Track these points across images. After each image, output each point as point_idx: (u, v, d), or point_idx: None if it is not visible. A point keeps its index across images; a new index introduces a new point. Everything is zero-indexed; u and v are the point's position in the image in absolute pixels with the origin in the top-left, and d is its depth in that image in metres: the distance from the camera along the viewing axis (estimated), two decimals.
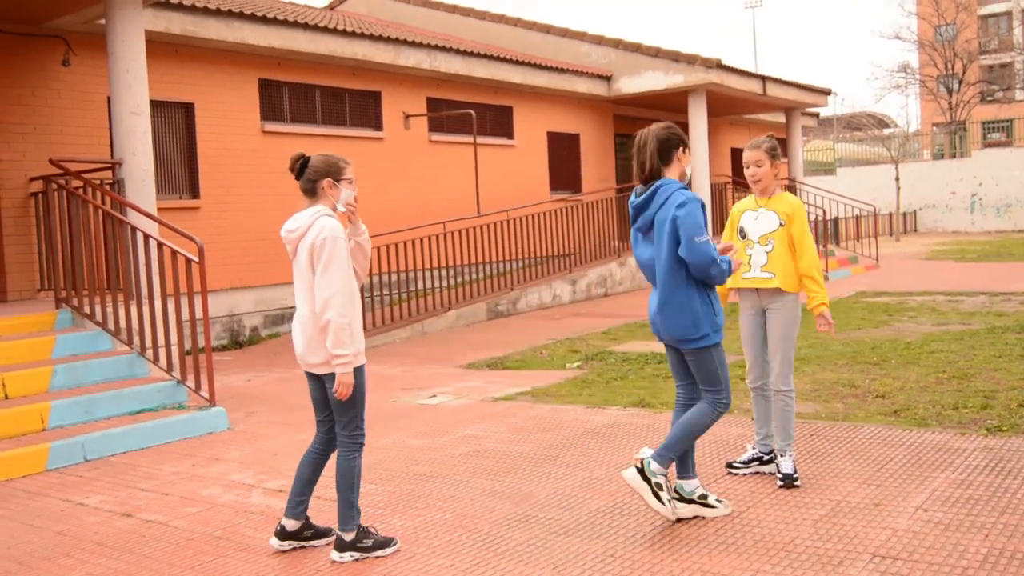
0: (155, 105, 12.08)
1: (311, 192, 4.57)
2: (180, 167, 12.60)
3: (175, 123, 12.57)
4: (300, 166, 4.58)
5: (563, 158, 19.76)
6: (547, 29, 21.03)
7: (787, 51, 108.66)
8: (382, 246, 12.89)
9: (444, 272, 14.22)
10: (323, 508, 5.21)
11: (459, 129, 16.91)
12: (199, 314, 7.82)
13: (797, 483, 5.16)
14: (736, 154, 27.32)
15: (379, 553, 4.54)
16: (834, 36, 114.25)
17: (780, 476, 5.23)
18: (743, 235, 5.44)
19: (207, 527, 5.17)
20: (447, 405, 8.15)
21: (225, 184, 12.98)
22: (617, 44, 20.21)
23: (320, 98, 14.62)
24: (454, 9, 22.09)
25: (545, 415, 7.47)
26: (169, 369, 8.03)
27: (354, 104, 15.22)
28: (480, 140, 16.91)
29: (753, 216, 5.42)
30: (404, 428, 7.31)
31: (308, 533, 4.78)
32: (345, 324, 4.37)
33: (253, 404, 8.69)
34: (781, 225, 5.29)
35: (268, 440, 7.22)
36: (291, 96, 14.17)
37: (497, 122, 18.20)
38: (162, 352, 8.10)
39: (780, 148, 5.52)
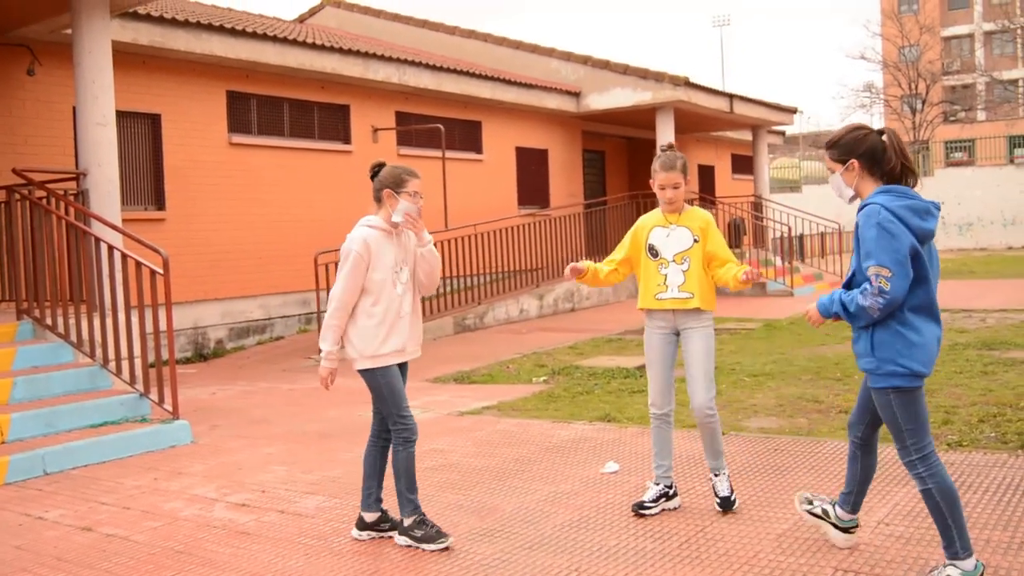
0: (121, 116, 11.98)
1: (377, 200, 4.87)
2: (146, 178, 12.52)
3: (141, 134, 12.49)
4: (373, 174, 4.89)
5: (531, 173, 19.83)
6: (517, 45, 21.13)
7: (755, 69, 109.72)
8: None
9: None
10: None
11: (428, 143, 16.93)
12: (163, 326, 7.75)
13: (734, 506, 5.02)
14: (704, 171, 27.53)
15: (425, 547, 4.66)
16: (801, 55, 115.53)
17: (718, 500, 5.05)
18: (654, 253, 5.07)
19: (169, 542, 5.12)
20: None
21: (191, 196, 12.91)
22: (586, 61, 20.33)
23: (288, 111, 14.59)
24: (424, 24, 22.14)
25: (511, 429, 7.47)
26: (132, 382, 7.95)
27: (323, 117, 15.19)
28: (449, 154, 16.94)
29: (664, 233, 5.07)
30: None
31: (385, 526, 4.94)
32: (332, 324, 4.75)
33: (217, 417, 8.62)
34: (695, 241, 5.00)
35: (231, 454, 7.16)
36: (259, 109, 14.13)
37: (466, 137, 18.24)
38: (125, 365, 8.02)
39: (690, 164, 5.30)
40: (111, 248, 8.12)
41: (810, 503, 4.49)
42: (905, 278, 3.75)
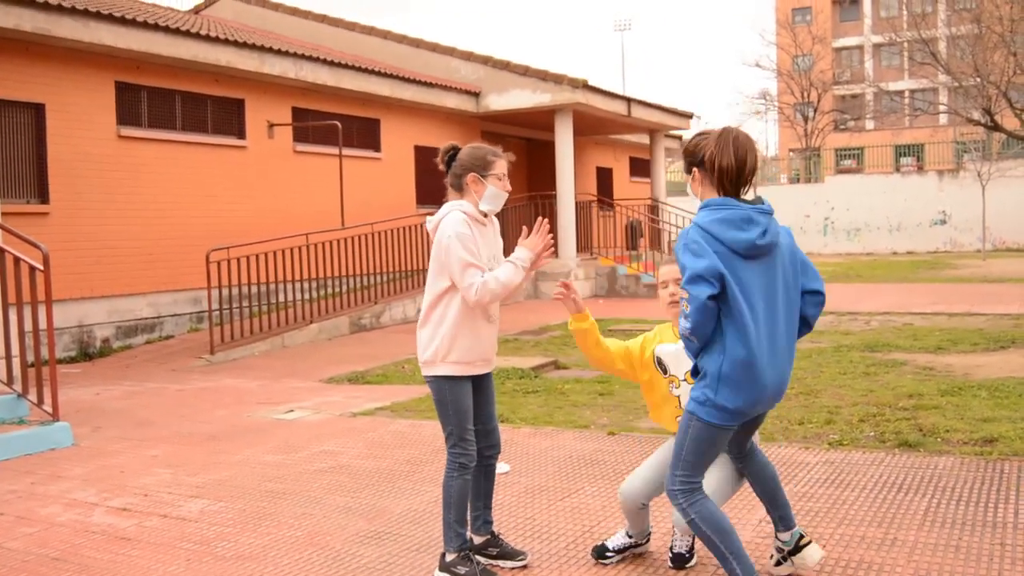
0: (1, 104, 11.58)
1: (457, 187, 4.35)
2: (28, 170, 12.06)
3: (24, 124, 12.02)
4: (448, 158, 4.36)
5: (430, 172, 19.66)
6: (417, 43, 21.02)
7: (654, 74, 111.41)
8: (243, 257, 12.62)
9: (306, 285, 14.01)
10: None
11: (325, 140, 16.72)
12: (44, 325, 7.47)
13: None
14: (602, 173, 27.82)
15: None
16: (700, 61, 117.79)
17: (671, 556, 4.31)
18: (663, 369, 4.31)
19: (44, 548, 4.94)
20: (304, 420, 8.01)
21: (77, 189, 12.49)
22: (486, 61, 20.35)
23: (181, 104, 14.24)
24: (323, 19, 21.87)
25: (403, 430, 7.42)
26: (9, 382, 7.65)
27: (216, 111, 14.87)
28: (346, 152, 16.75)
29: (673, 348, 4.28)
30: (259, 443, 7.15)
31: (493, 551, 4.34)
32: (489, 285, 4.18)
33: (100, 419, 8.36)
34: None
35: (114, 456, 6.94)
36: (150, 101, 13.76)
37: (364, 134, 18.07)
38: (2, 364, 7.72)
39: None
40: None
41: (781, 552, 4.05)
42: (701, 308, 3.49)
